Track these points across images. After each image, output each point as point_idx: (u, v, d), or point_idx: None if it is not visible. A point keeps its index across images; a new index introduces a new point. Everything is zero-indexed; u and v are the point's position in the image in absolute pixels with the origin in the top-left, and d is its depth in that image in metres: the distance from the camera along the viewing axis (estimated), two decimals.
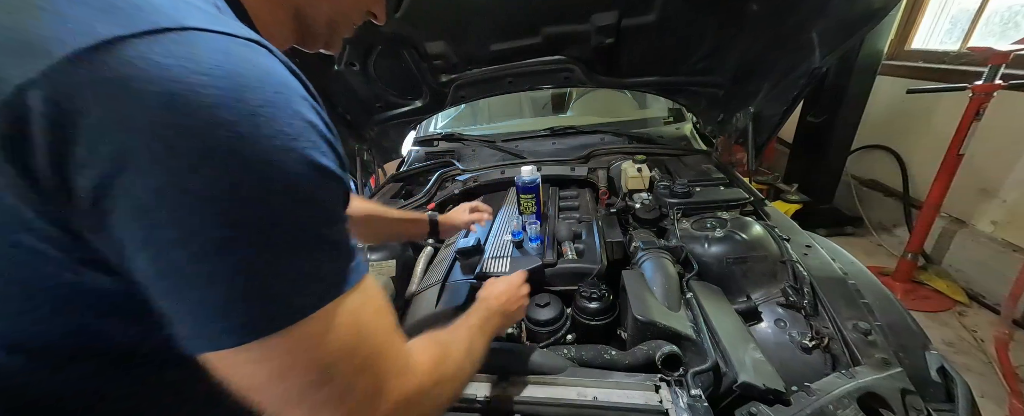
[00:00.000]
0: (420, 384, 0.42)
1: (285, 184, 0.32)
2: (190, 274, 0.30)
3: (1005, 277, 1.93)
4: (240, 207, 0.30)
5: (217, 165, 0.29)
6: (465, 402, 0.74)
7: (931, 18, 2.62)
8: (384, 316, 0.40)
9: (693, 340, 0.81)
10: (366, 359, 0.37)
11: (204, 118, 0.28)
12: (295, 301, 0.33)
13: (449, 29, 1.35)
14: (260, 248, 0.31)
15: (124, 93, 0.28)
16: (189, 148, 0.28)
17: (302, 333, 0.34)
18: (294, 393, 0.34)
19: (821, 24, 1.15)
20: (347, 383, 0.36)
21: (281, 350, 0.33)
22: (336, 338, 0.35)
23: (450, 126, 2.26)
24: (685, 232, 1.14)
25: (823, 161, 2.83)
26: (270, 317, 0.33)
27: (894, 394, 0.67)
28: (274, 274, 0.32)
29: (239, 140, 0.29)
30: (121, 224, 0.30)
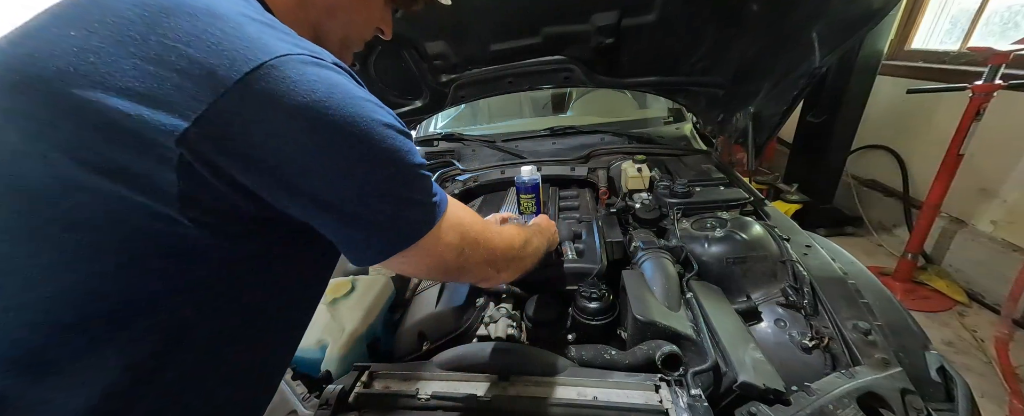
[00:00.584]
0: (511, 244, 0.70)
1: (396, 144, 0.47)
2: (368, 217, 0.47)
3: (1005, 277, 1.93)
4: (384, 166, 0.47)
5: (362, 145, 0.45)
6: (465, 402, 0.74)
7: (931, 18, 2.63)
8: (470, 211, 0.62)
9: (693, 340, 0.81)
10: (478, 234, 0.61)
11: (344, 116, 0.43)
12: (428, 215, 0.52)
13: (449, 29, 1.35)
14: (400, 190, 0.49)
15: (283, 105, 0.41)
16: (344, 139, 0.44)
17: (437, 231, 0.53)
18: (452, 262, 0.57)
19: (821, 24, 1.15)
20: (474, 248, 0.59)
21: (431, 243, 0.53)
22: (455, 228, 0.56)
23: (450, 126, 2.26)
24: (685, 232, 1.14)
25: (823, 161, 2.83)
26: (419, 227, 0.51)
27: (894, 394, 0.67)
28: (412, 200, 0.50)
29: (364, 126, 0.44)
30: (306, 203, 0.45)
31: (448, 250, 0.55)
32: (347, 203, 0.46)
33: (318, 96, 0.41)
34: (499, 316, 0.96)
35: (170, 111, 0.38)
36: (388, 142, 0.46)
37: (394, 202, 0.48)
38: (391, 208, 0.48)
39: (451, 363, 0.82)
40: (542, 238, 0.85)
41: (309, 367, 0.91)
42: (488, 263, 0.63)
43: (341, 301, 1.02)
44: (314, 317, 0.96)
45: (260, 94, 0.39)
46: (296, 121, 0.41)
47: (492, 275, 0.66)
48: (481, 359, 0.81)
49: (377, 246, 0.50)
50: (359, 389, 0.78)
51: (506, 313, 0.97)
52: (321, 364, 0.89)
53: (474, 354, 0.83)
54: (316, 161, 0.43)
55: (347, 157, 0.44)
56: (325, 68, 0.44)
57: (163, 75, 0.39)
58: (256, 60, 0.40)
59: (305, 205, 0.45)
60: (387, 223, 0.49)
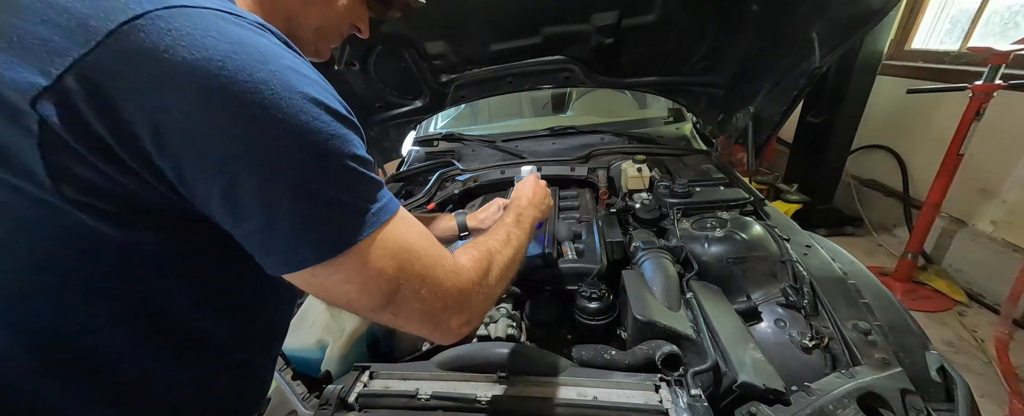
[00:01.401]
0: (471, 279, 0.51)
1: (321, 124, 0.38)
2: (266, 213, 0.38)
3: (1005, 277, 1.93)
4: (290, 152, 0.37)
5: (267, 121, 0.35)
6: (465, 402, 0.74)
7: (931, 18, 2.62)
8: (427, 235, 0.48)
9: (693, 340, 0.81)
10: (423, 268, 0.45)
11: (245, 81, 0.34)
12: (352, 225, 0.41)
13: (449, 29, 1.35)
14: (316, 183, 0.38)
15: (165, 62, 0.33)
16: (241, 108, 0.35)
17: (366, 250, 0.41)
18: (378, 300, 0.43)
19: (821, 24, 1.15)
20: (414, 288, 0.44)
21: (354, 265, 0.41)
22: (394, 254, 0.43)
23: (450, 126, 2.26)
24: (685, 232, 1.14)
25: (823, 161, 2.83)
26: (337, 238, 0.40)
27: (894, 394, 0.67)
28: (334, 201, 0.40)
29: (273, 96, 0.35)
30: (200, 187, 0.37)
31: (377, 279, 0.42)
32: (243, 193, 0.36)
33: (214, 53, 0.33)
34: (499, 316, 0.96)
35: (30, 68, 0.32)
36: (308, 120, 0.37)
37: (306, 200, 0.38)
38: (302, 208, 0.38)
39: (451, 363, 0.82)
40: (520, 234, 0.70)
41: (309, 367, 0.91)
42: (433, 311, 0.46)
43: None
44: (314, 317, 0.97)
45: (138, 48, 0.32)
46: (180, 82, 0.33)
47: (436, 328, 0.48)
48: (481, 359, 0.81)
49: (280, 254, 0.39)
50: (359, 389, 0.78)
51: (506, 313, 0.97)
52: (321, 364, 0.89)
53: (474, 354, 0.83)
54: (203, 133, 0.34)
55: (245, 133, 0.35)
56: (235, 24, 0.36)
57: (27, 27, 0.33)
58: (139, 9, 0.33)
59: (192, 189, 0.37)
60: (296, 227, 0.38)
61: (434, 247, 0.48)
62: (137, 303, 0.41)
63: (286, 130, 0.36)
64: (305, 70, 0.39)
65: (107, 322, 0.40)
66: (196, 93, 0.33)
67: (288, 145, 0.37)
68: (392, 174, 1.87)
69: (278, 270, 0.41)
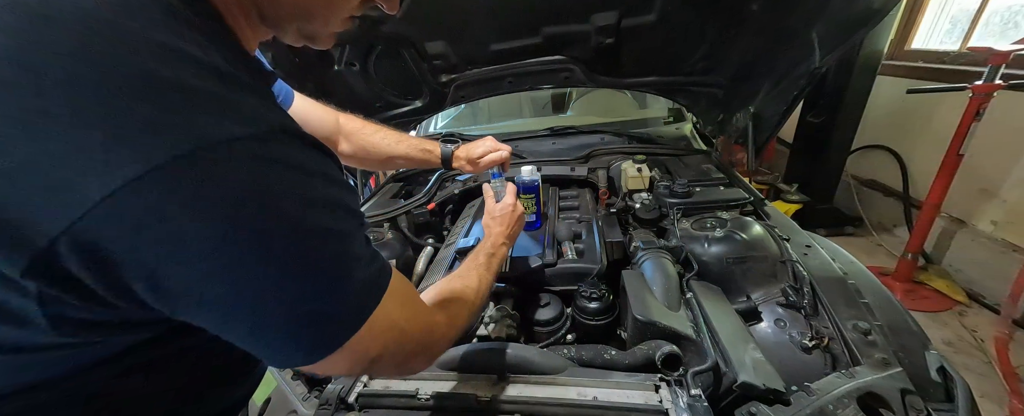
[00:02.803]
0: (443, 335, 0.57)
1: (328, 250, 0.39)
2: (258, 334, 0.38)
3: (1005, 277, 1.93)
4: (306, 279, 0.38)
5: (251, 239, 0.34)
6: (465, 402, 0.74)
7: (931, 18, 2.62)
8: (410, 303, 0.51)
9: (693, 340, 0.81)
10: (403, 338, 0.48)
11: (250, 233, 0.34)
12: (353, 322, 0.42)
13: (449, 29, 1.35)
14: (324, 301, 0.39)
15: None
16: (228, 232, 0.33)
17: (355, 342, 0.42)
18: (361, 370, 0.47)
19: (821, 24, 1.15)
20: (393, 353, 0.47)
21: (343, 356, 0.42)
22: (381, 335, 0.45)
23: (450, 126, 2.26)
24: (685, 232, 1.14)
25: (823, 161, 2.83)
26: (330, 340, 0.41)
27: (894, 394, 0.67)
28: (334, 315, 0.41)
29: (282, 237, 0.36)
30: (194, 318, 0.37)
31: (363, 359, 0.45)
32: (236, 321, 0.37)
33: (224, 210, 0.32)
34: (499, 316, 0.96)
35: (15, 240, 0.30)
36: (316, 252, 0.38)
37: (312, 317, 0.39)
38: (306, 321, 0.39)
39: (451, 363, 0.82)
40: (491, 273, 0.78)
41: None
42: (404, 364, 0.52)
43: None
44: None
45: (140, 208, 0.30)
46: (181, 238, 0.32)
47: (404, 371, 0.61)
48: (481, 359, 0.81)
49: (271, 359, 0.42)
50: (359, 389, 0.78)
51: (506, 313, 0.97)
52: None
53: (474, 354, 0.83)
54: (197, 280, 0.34)
55: (241, 278, 0.35)
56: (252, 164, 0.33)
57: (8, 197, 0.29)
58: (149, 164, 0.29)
59: (184, 317, 0.37)
60: (288, 338, 0.39)
61: (415, 314, 0.51)
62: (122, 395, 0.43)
63: (281, 265, 0.36)
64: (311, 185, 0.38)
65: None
66: (198, 246, 0.32)
67: (298, 277, 0.37)
68: (392, 174, 1.87)
69: (280, 366, 0.49)
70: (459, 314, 0.63)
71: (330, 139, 0.97)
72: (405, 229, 1.46)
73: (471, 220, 1.36)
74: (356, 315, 0.42)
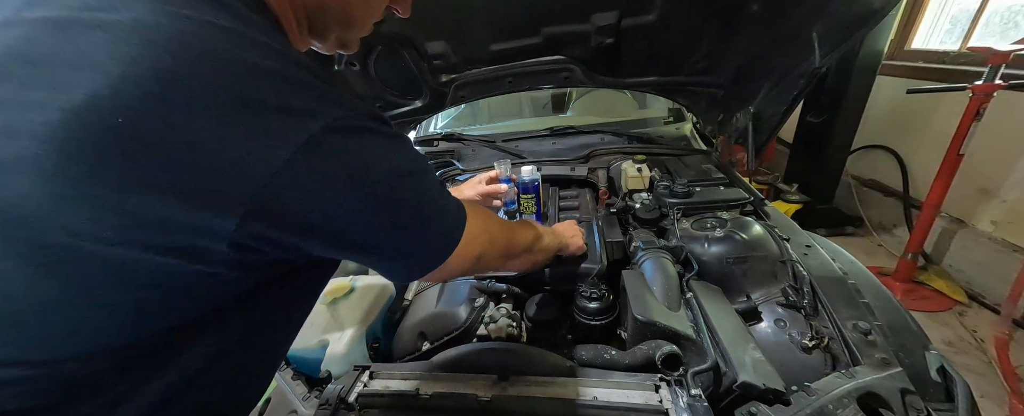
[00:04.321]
0: (524, 235, 0.79)
1: (423, 186, 0.52)
2: (404, 249, 0.52)
3: (1005, 277, 1.93)
4: (416, 211, 0.51)
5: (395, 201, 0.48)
6: (465, 402, 0.74)
7: (931, 18, 2.63)
8: (486, 215, 0.66)
9: (693, 340, 0.81)
10: (496, 237, 0.67)
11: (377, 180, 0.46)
12: (453, 236, 0.56)
13: (449, 29, 1.35)
14: (429, 224, 0.53)
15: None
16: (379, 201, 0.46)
17: (464, 249, 0.57)
18: (471, 270, 0.64)
19: (821, 24, 1.15)
20: (493, 252, 0.66)
21: (458, 260, 0.57)
22: (482, 242, 0.62)
23: (450, 126, 2.26)
24: (685, 232, 1.14)
25: (823, 161, 2.83)
26: (446, 248, 0.56)
27: (894, 394, 0.67)
28: (440, 230, 0.55)
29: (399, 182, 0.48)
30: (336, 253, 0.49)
31: (469, 260, 0.60)
32: (386, 246, 0.50)
33: (356, 167, 0.43)
34: (499, 316, 0.96)
35: (214, 212, 0.37)
36: (416, 189, 0.50)
37: (425, 235, 0.53)
38: (424, 238, 0.53)
39: (451, 363, 0.82)
40: (554, 239, 0.93)
41: (309, 367, 0.91)
42: (502, 258, 0.71)
43: (341, 301, 1.02)
44: (314, 317, 0.97)
45: (305, 173, 0.39)
46: (333, 191, 0.42)
47: (502, 267, 0.76)
48: (481, 359, 0.81)
49: (412, 271, 0.56)
50: (359, 389, 0.78)
51: (506, 313, 0.97)
52: (321, 364, 0.89)
53: (474, 354, 0.83)
54: (358, 220, 0.45)
55: (385, 212, 0.47)
56: (354, 133, 0.44)
57: (199, 178, 0.36)
58: (300, 137, 0.39)
59: (347, 253, 0.49)
60: (421, 252, 0.54)
61: (497, 222, 0.69)
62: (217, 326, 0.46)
63: (407, 204, 0.49)
64: (397, 143, 0.49)
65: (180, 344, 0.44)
66: (348, 199, 0.44)
67: (411, 211, 0.50)
68: None
69: (408, 280, 0.67)
70: (532, 232, 0.82)
71: None
72: None
73: None
74: (457, 228, 0.57)
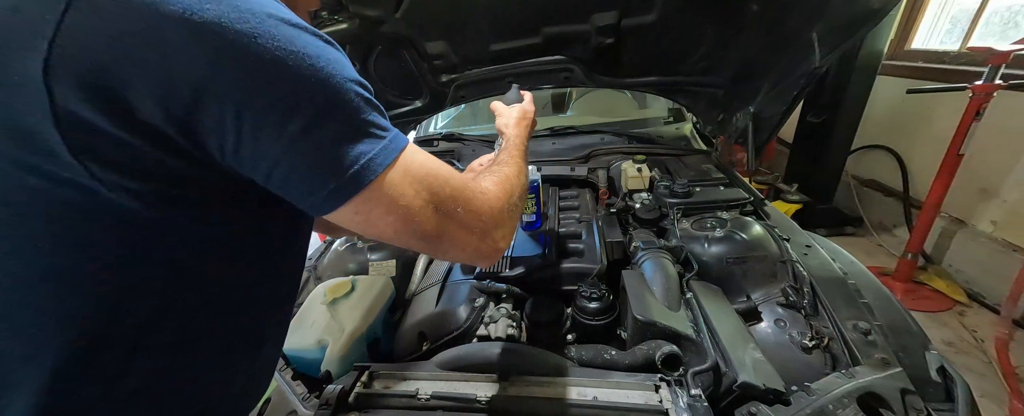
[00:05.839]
0: (499, 196, 0.55)
1: (318, 52, 0.39)
2: (296, 153, 0.39)
3: (1005, 277, 1.93)
4: (305, 86, 0.38)
5: (273, 60, 0.36)
6: (465, 402, 0.74)
7: (931, 18, 2.62)
8: (443, 164, 0.50)
9: (693, 340, 0.81)
10: (454, 190, 0.48)
11: (240, 23, 0.34)
12: (376, 156, 0.42)
13: (449, 29, 1.35)
14: (336, 114, 0.40)
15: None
16: (249, 64, 0.35)
17: (397, 177, 0.43)
18: (422, 226, 0.46)
19: (821, 24, 1.15)
20: (450, 209, 0.48)
21: (390, 193, 0.43)
22: (422, 178, 0.45)
23: (450, 126, 2.26)
24: (685, 232, 1.14)
25: (823, 161, 2.83)
26: (370, 164, 0.41)
27: (894, 394, 0.67)
28: (357, 130, 0.41)
29: (272, 33, 0.36)
30: (224, 141, 0.37)
31: (414, 203, 0.44)
32: (269, 137, 0.37)
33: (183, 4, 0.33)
34: (499, 316, 0.96)
35: (19, 44, 0.31)
36: (314, 51, 0.38)
37: (333, 132, 0.40)
38: (330, 140, 0.39)
39: (451, 363, 0.82)
40: (519, 160, 0.70)
41: (309, 367, 0.91)
42: (474, 226, 0.50)
43: (341, 301, 1.02)
44: (314, 317, 0.97)
45: (109, 9, 0.31)
46: (180, 33, 0.33)
47: (482, 243, 0.52)
48: (481, 359, 0.81)
49: (319, 191, 0.41)
50: (359, 389, 0.78)
51: (506, 313, 0.97)
52: (321, 364, 0.89)
53: (474, 354, 0.83)
54: (214, 83, 0.34)
55: (257, 75, 0.35)
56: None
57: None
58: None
59: (214, 145, 0.37)
60: (329, 160, 0.40)
61: (453, 171, 0.50)
62: (171, 278, 0.41)
63: (294, 64, 0.37)
64: (285, 11, 0.39)
65: (136, 301, 0.40)
66: (198, 45, 0.33)
67: (301, 79, 0.37)
68: None
69: (322, 209, 0.42)
70: (509, 185, 0.59)
71: None
72: None
73: None
74: (386, 140, 0.43)
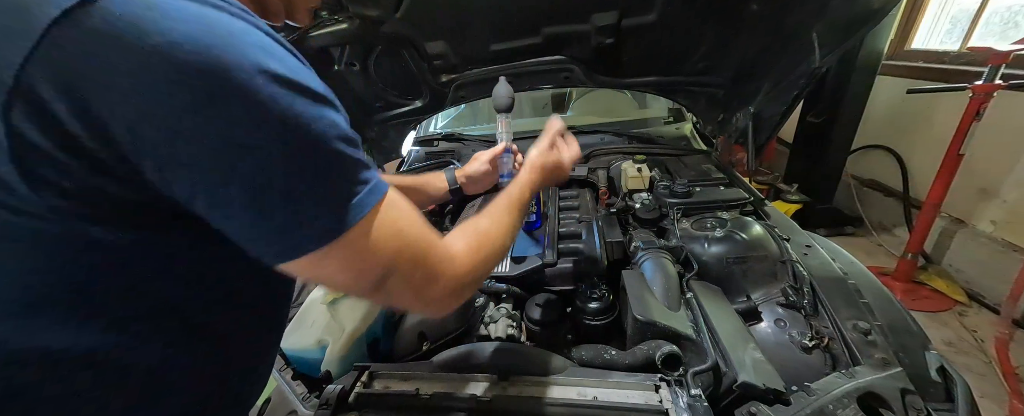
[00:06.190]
0: (464, 265, 0.52)
1: (296, 110, 0.36)
2: (255, 208, 0.36)
3: (1005, 277, 1.93)
4: (271, 139, 0.35)
5: (242, 109, 0.33)
6: (465, 402, 0.74)
7: (931, 18, 2.63)
8: (419, 220, 0.48)
9: (693, 340, 0.81)
10: (416, 254, 0.46)
11: (213, 66, 0.32)
12: (344, 210, 0.40)
13: (449, 29, 1.35)
14: (303, 171, 0.37)
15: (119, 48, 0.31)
16: (213, 97, 0.32)
17: (359, 236, 0.41)
18: (373, 284, 0.44)
19: (821, 24, 1.15)
20: (407, 273, 0.45)
21: (349, 252, 0.41)
22: (387, 239, 0.43)
23: (450, 126, 2.26)
24: (685, 232, 1.14)
25: (823, 161, 2.83)
26: (331, 226, 0.39)
27: (894, 394, 0.67)
28: (321, 190, 0.39)
29: (246, 81, 0.33)
30: (180, 185, 0.35)
31: (372, 265, 0.42)
32: (228, 189, 0.35)
33: (176, 36, 0.31)
34: (499, 316, 0.96)
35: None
36: (287, 104, 0.35)
37: (296, 190, 0.37)
38: (292, 198, 0.37)
39: (451, 363, 0.82)
40: (515, 213, 0.67)
41: (309, 367, 0.91)
42: (428, 296, 0.48)
43: (341, 301, 1.02)
44: (314, 317, 0.97)
45: (91, 36, 0.30)
46: (144, 71, 0.31)
47: (428, 308, 0.50)
48: (481, 359, 0.81)
49: (274, 245, 0.38)
50: (359, 389, 0.78)
51: (506, 313, 0.97)
52: (321, 364, 0.89)
53: (474, 354, 0.83)
54: (175, 127, 0.32)
55: (220, 123, 0.33)
56: (192, 1, 0.33)
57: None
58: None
59: (172, 187, 0.35)
60: (288, 218, 0.37)
61: (425, 232, 0.48)
62: (138, 303, 0.41)
63: (264, 117, 0.34)
64: (275, 49, 0.36)
65: (109, 325, 0.40)
66: (163, 83, 0.31)
67: (268, 133, 0.35)
68: (392, 174, 1.87)
69: (272, 261, 0.40)
70: (482, 249, 0.56)
71: None
72: None
73: None
74: (355, 198, 0.40)
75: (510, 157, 1.04)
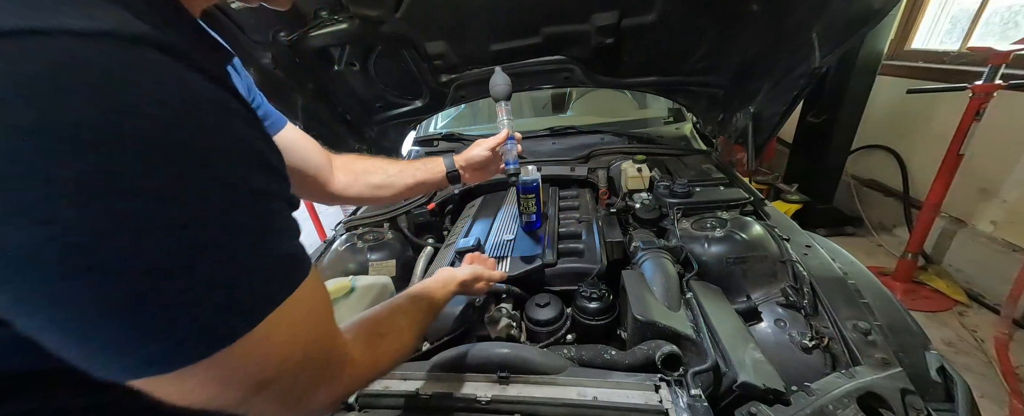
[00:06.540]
0: (356, 368, 0.44)
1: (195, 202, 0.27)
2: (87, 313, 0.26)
3: (1005, 277, 1.93)
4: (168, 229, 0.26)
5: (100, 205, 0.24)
6: (465, 402, 0.74)
7: (931, 18, 2.62)
8: (318, 316, 0.38)
9: (693, 340, 0.81)
10: (303, 359, 0.36)
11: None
12: (222, 325, 0.30)
13: (449, 29, 1.35)
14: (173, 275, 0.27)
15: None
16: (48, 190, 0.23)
17: (236, 352, 0.31)
18: (238, 400, 0.33)
19: (821, 24, 1.15)
20: (288, 384, 0.35)
21: (216, 371, 0.30)
22: (271, 351, 0.33)
23: (450, 126, 2.26)
24: (685, 232, 1.14)
25: (823, 161, 2.83)
26: (195, 345, 0.29)
27: (894, 394, 0.67)
28: (193, 301, 0.28)
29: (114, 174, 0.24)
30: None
31: (250, 377, 0.33)
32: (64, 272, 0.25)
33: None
34: (499, 316, 0.96)
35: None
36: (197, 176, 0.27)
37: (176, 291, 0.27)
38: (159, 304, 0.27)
39: (451, 363, 0.82)
40: (421, 320, 0.63)
41: None
42: (305, 399, 0.38)
43: (341, 301, 1.02)
44: None
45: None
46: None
47: (308, 404, 0.38)
48: (481, 359, 0.81)
49: (121, 360, 0.28)
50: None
51: (506, 313, 0.97)
52: None
53: (474, 354, 0.83)
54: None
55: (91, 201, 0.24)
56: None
57: None
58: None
59: None
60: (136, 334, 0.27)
61: (326, 334, 0.40)
62: None
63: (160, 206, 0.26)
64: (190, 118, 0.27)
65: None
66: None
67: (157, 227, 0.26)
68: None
69: (121, 379, 0.29)
70: (383, 353, 0.50)
71: (321, 173, 0.84)
72: (405, 229, 1.46)
73: (471, 220, 1.36)
74: (249, 311, 0.31)
75: (513, 144, 1.00)
